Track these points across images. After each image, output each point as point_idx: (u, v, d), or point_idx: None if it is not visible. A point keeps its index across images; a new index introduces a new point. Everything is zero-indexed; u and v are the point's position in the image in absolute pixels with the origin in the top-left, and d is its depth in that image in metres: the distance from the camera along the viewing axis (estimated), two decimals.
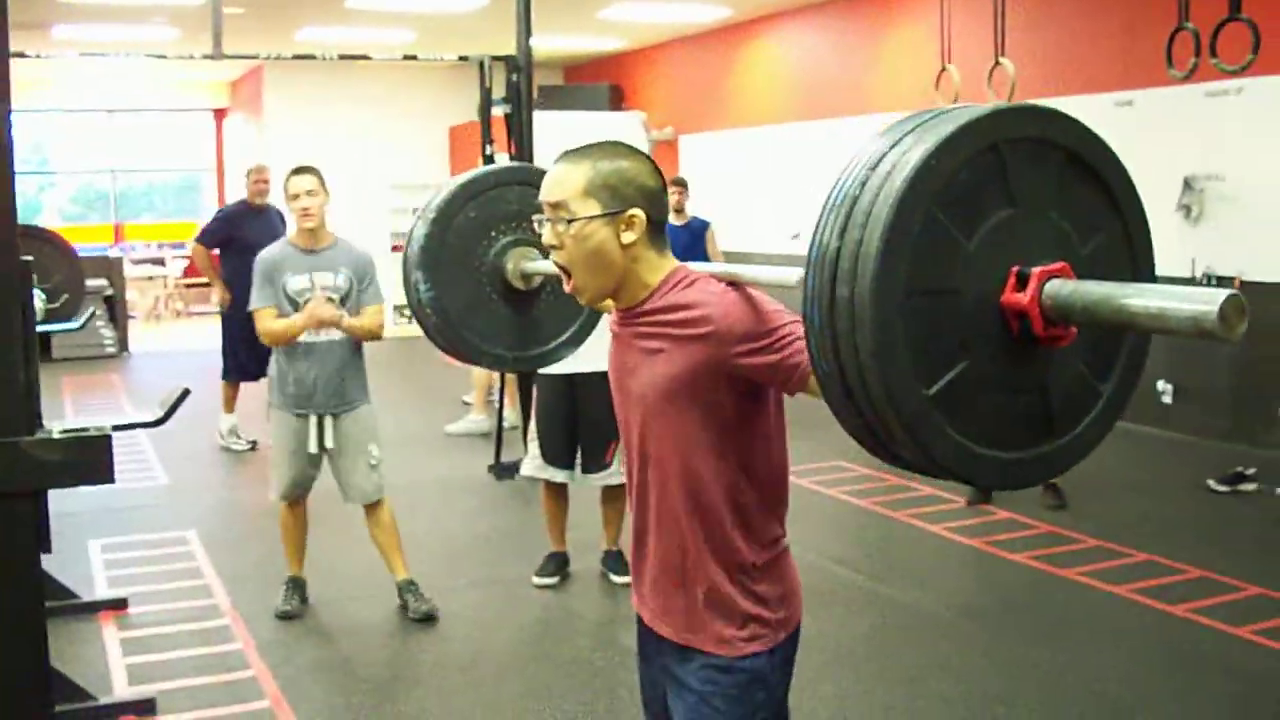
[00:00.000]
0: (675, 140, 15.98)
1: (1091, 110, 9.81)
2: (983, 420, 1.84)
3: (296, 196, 5.60)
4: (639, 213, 2.43)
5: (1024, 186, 1.83)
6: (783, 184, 13.83)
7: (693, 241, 9.91)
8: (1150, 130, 9.53)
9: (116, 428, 1.55)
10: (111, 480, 1.52)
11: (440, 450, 9.48)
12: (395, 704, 4.92)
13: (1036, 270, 1.78)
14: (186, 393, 2.48)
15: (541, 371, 6.00)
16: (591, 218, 2.42)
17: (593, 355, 3.88)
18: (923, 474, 1.91)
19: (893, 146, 1.79)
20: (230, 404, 9.52)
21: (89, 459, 1.48)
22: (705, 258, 9.88)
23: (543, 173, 2.58)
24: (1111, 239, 1.94)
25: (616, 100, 16.90)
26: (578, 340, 3.45)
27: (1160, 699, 4.87)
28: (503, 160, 8.34)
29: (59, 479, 1.49)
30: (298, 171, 5.68)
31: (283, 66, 16.20)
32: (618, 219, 2.42)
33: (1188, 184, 9.31)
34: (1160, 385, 9.62)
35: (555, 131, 8.85)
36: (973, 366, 1.81)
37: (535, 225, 2.53)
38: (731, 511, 2.48)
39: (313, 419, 5.65)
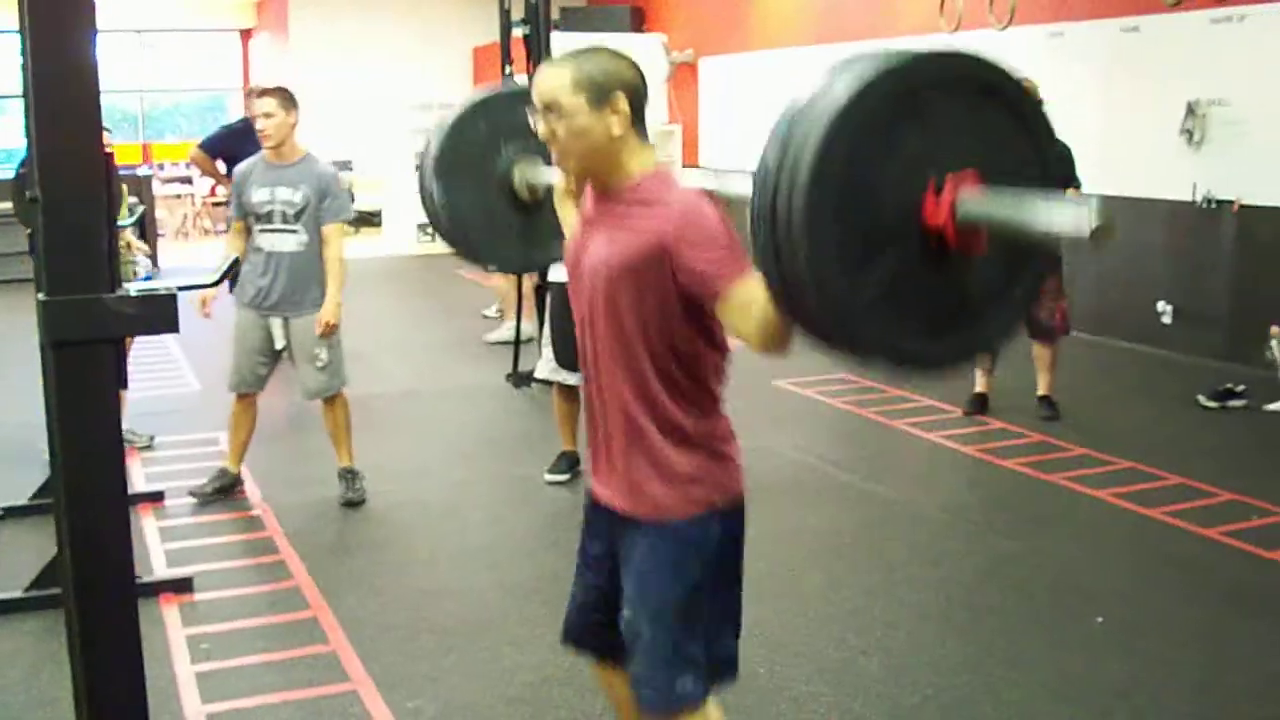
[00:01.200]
0: (695, 62, 16.18)
1: (1098, 36, 10.08)
2: (905, 315, 2.15)
3: (257, 117, 6.08)
4: (621, 98, 2.74)
5: (939, 115, 2.12)
6: None
7: None
8: (1155, 56, 9.76)
9: (181, 288, 1.89)
10: (177, 330, 1.87)
11: (461, 360, 9.84)
12: (417, 581, 5.31)
13: (949, 178, 2.07)
14: (237, 261, 2.83)
15: (554, 280, 6.34)
16: (580, 108, 2.73)
17: None
18: (853, 360, 2.22)
19: (824, 84, 2.09)
20: None
21: (159, 312, 1.82)
22: None
23: None
24: (1023, 156, 2.23)
25: (638, 22, 17.07)
26: None
27: (1121, 587, 5.21)
28: (521, 81, 8.63)
29: (135, 328, 1.85)
30: (260, 94, 6.16)
31: None
32: (604, 107, 2.73)
33: (1190, 109, 9.51)
34: (1160, 306, 9.90)
35: None
36: (896, 270, 2.11)
37: (532, 123, 2.84)
38: (666, 384, 2.79)
39: (272, 319, 6.12)
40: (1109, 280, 10.29)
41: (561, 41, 8.65)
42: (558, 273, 6.23)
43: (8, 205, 6.89)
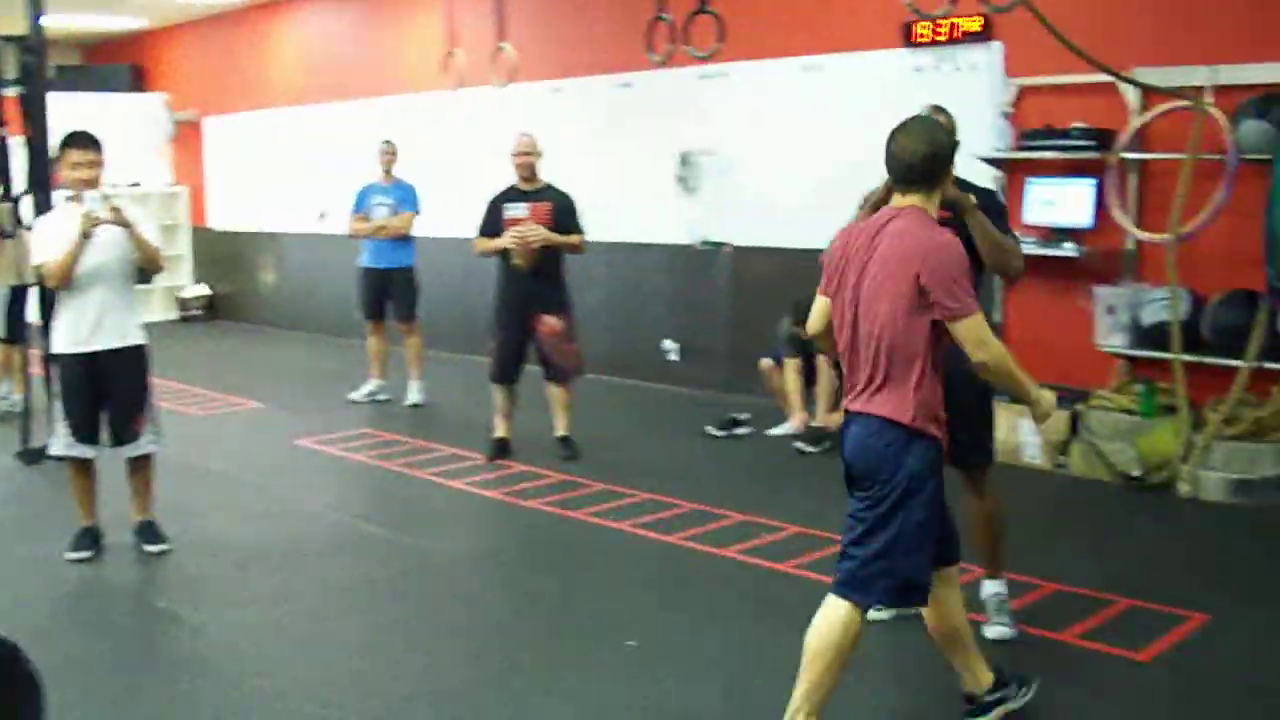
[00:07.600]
0: (199, 122, 15.87)
1: (594, 91, 10.61)
2: None
3: None
4: None
5: None
6: (308, 164, 14.00)
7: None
8: (649, 110, 10.34)
9: None
10: None
11: None
12: None
13: None
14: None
15: (58, 352, 6.09)
16: None
17: (110, 333, 4.08)
18: None
19: None
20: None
21: None
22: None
23: None
24: None
25: (139, 81, 16.60)
26: None
27: (650, 611, 5.49)
28: (16, 143, 8.24)
29: None
30: None
31: None
32: None
33: (684, 159, 10.14)
34: (666, 345, 10.46)
35: (72, 113, 8.87)
36: None
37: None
38: None
39: None
40: (619, 322, 10.79)
41: (59, 102, 8.37)
42: (65, 343, 5.99)
43: None
